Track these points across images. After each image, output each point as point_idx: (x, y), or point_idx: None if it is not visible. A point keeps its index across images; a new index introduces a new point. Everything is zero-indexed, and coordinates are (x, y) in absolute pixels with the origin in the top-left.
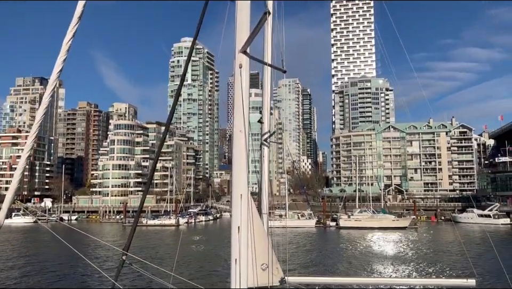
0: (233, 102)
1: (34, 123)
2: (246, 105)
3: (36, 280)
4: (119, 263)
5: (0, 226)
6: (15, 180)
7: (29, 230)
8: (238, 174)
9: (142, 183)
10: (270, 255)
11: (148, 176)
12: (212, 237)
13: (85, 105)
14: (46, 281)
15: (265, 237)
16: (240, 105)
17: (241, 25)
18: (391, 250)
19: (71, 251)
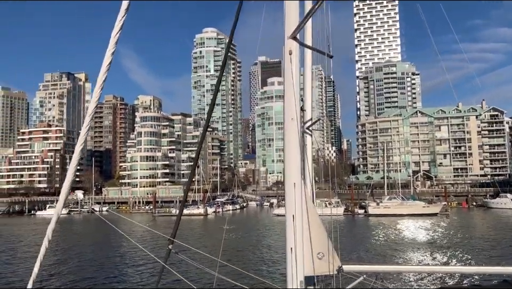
0: (284, 89)
1: (87, 115)
2: (297, 92)
3: (99, 263)
4: (166, 251)
5: (59, 216)
6: (71, 171)
7: (64, 221)
8: (290, 162)
9: (169, 173)
10: (327, 243)
11: (190, 171)
12: (242, 226)
13: (111, 99)
14: (107, 265)
15: (320, 225)
16: (291, 92)
17: (290, 10)
18: (424, 237)
19: (115, 240)
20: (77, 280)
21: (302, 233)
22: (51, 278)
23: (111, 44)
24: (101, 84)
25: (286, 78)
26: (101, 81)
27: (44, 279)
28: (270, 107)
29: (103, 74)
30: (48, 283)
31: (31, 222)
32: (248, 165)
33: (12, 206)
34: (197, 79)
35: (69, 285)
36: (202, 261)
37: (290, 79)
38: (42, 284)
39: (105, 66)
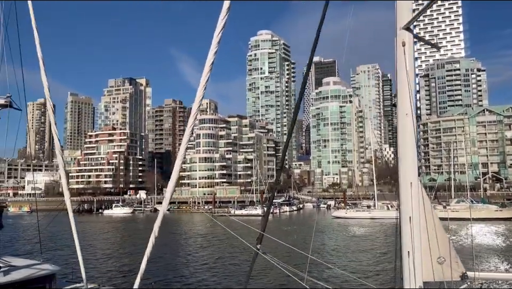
0: (396, 83)
1: (191, 116)
2: (412, 86)
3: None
4: (254, 251)
5: (164, 214)
6: (175, 171)
7: (131, 220)
8: (405, 160)
9: (226, 174)
10: (448, 247)
11: (276, 175)
12: (303, 227)
13: (171, 102)
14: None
15: (440, 227)
16: (405, 85)
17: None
18: (504, 243)
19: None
20: (171, 279)
21: (420, 236)
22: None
23: (213, 44)
24: (204, 84)
25: (399, 71)
26: (204, 81)
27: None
28: (325, 108)
29: (206, 75)
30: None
31: (100, 220)
32: (303, 166)
33: (81, 204)
34: (252, 81)
35: (173, 284)
36: (290, 261)
37: (404, 71)
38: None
39: (208, 66)
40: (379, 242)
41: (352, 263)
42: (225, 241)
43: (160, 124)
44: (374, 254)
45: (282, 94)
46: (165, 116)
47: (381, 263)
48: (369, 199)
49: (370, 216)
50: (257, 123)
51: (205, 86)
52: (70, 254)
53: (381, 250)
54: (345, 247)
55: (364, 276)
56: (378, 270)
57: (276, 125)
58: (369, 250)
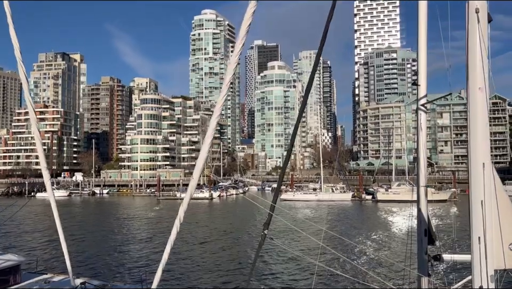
0: (467, 55)
1: (220, 98)
2: (485, 58)
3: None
4: (261, 237)
5: (190, 198)
6: (205, 150)
7: (69, 204)
8: (476, 139)
9: (170, 157)
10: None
11: (285, 158)
12: (254, 210)
13: (108, 80)
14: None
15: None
16: (477, 57)
17: None
18: (448, 224)
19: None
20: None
21: (491, 220)
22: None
23: (242, 30)
24: (230, 80)
25: (470, 40)
26: (233, 66)
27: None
28: (270, 92)
29: (234, 61)
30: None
31: (33, 204)
32: (246, 149)
33: (10, 187)
34: (195, 62)
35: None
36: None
37: (477, 41)
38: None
39: (236, 54)
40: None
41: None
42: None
43: (96, 103)
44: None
45: None
46: (101, 94)
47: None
48: (312, 182)
49: (317, 199)
50: (202, 105)
51: (230, 80)
52: (27, 241)
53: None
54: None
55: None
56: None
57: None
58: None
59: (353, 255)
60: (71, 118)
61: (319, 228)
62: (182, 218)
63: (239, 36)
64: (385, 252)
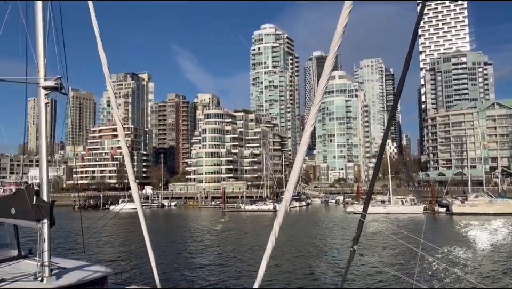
0: None
1: (310, 118)
2: None
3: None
4: (350, 253)
5: (286, 211)
6: (296, 169)
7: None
8: None
9: (233, 169)
10: None
11: (374, 170)
12: (322, 223)
13: (174, 97)
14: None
15: None
16: None
17: None
18: None
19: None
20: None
21: None
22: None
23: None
24: (325, 84)
25: None
26: (329, 70)
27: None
28: (331, 102)
29: (329, 65)
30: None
31: (108, 216)
32: (307, 161)
33: (87, 200)
34: (255, 76)
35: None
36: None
37: None
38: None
39: (332, 57)
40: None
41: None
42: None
43: (163, 119)
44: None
45: (286, 89)
46: (168, 111)
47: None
48: (379, 194)
49: (386, 211)
50: (263, 118)
51: (326, 84)
52: (111, 253)
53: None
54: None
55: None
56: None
57: (280, 120)
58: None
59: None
60: (140, 134)
61: (401, 242)
62: (277, 233)
63: (334, 38)
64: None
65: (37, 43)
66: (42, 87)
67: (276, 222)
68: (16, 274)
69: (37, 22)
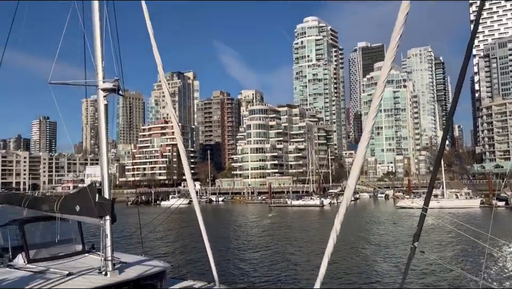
0: None
1: (373, 105)
2: None
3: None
4: (410, 250)
5: (348, 204)
6: (358, 164)
7: (188, 210)
8: None
9: (278, 165)
10: None
11: (433, 167)
12: (374, 217)
13: (219, 94)
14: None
15: None
16: None
17: None
18: None
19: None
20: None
21: None
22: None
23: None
24: (384, 79)
25: None
26: (387, 69)
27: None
28: None
29: (388, 65)
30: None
31: (158, 211)
32: (354, 154)
33: (139, 196)
34: (299, 70)
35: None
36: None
37: None
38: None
39: (390, 58)
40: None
41: None
42: (316, 232)
43: (209, 116)
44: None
45: (331, 82)
46: (213, 108)
47: None
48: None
49: (439, 206)
50: (307, 112)
51: (385, 82)
52: (166, 248)
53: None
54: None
55: None
56: None
57: (325, 113)
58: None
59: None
60: (187, 132)
61: (465, 237)
62: (338, 230)
63: (393, 38)
64: None
65: (95, 45)
66: (101, 89)
67: (337, 219)
68: (82, 269)
69: (94, 23)
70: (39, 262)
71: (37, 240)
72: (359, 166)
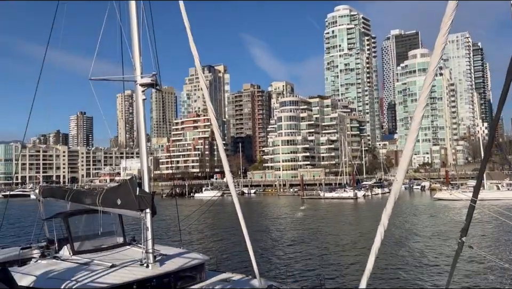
0: None
1: (421, 98)
2: None
3: None
4: (458, 245)
5: (395, 200)
6: (407, 155)
7: (221, 203)
8: None
9: (310, 157)
10: None
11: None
12: (411, 210)
13: (249, 87)
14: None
15: None
16: None
17: None
18: None
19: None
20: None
21: None
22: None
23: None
24: (435, 67)
25: None
26: (435, 65)
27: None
28: (412, 83)
29: (435, 62)
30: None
31: (193, 204)
32: (388, 146)
33: (173, 188)
34: (330, 60)
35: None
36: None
37: None
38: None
39: (439, 52)
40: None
41: None
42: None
43: (239, 109)
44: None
45: (363, 71)
46: (244, 101)
47: None
48: (470, 178)
49: (480, 198)
50: (339, 103)
51: (436, 68)
52: (203, 240)
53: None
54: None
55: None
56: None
57: (358, 104)
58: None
59: None
60: (219, 124)
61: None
62: (386, 225)
63: (438, 40)
64: None
65: (133, 42)
66: (140, 84)
67: (384, 214)
68: (124, 261)
69: (132, 21)
70: (84, 253)
71: (81, 232)
72: (408, 159)
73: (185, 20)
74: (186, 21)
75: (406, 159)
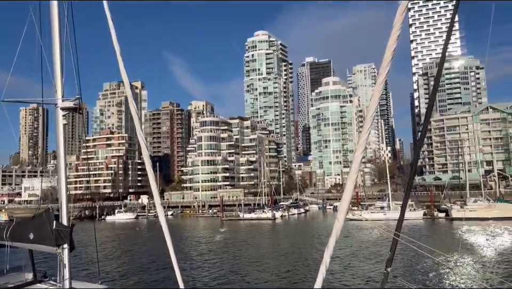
0: None
1: (366, 123)
2: None
3: None
4: (383, 276)
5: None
6: (353, 173)
7: (134, 226)
8: None
9: (229, 177)
10: None
11: (409, 178)
12: (326, 231)
13: (168, 105)
14: None
15: None
16: None
17: None
18: None
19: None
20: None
21: None
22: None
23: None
24: (383, 80)
25: None
26: (385, 72)
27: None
28: (325, 108)
29: (386, 65)
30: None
31: (103, 227)
32: (303, 167)
33: (82, 211)
34: (250, 82)
35: None
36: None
37: None
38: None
39: (389, 57)
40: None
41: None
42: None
43: (157, 127)
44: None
45: (281, 95)
46: (162, 119)
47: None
48: (376, 199)
49: (386, 218)
50: (258, 125)
51: (380, 94)
52: (122, 268)
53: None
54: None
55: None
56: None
57: (275, 126)
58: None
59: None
60: (134, 143)
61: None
62: (328, 264)
63: (390, 40)
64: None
65: (54, 61)
66: (61, 108)
67: (332, 237)
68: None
69: (54, 40)
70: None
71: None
72: (348, 199)
73: (113, 36)
74: (116, 41)
75: (347, 199)
